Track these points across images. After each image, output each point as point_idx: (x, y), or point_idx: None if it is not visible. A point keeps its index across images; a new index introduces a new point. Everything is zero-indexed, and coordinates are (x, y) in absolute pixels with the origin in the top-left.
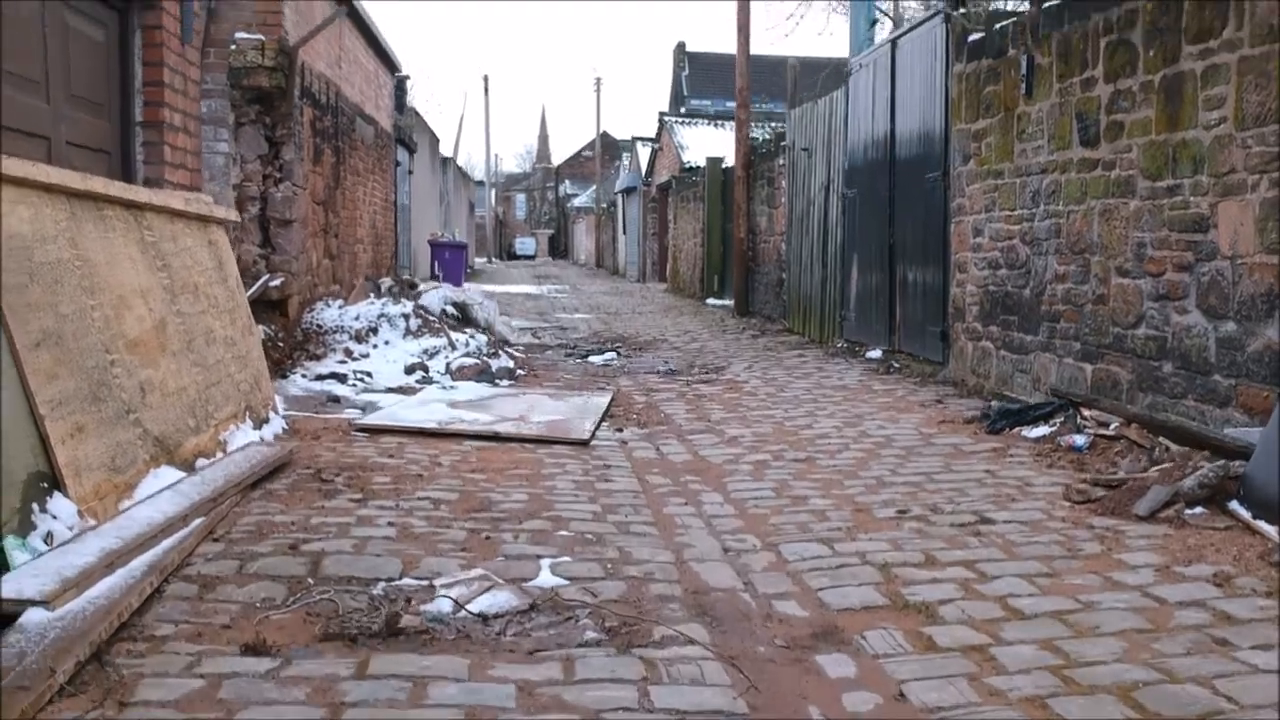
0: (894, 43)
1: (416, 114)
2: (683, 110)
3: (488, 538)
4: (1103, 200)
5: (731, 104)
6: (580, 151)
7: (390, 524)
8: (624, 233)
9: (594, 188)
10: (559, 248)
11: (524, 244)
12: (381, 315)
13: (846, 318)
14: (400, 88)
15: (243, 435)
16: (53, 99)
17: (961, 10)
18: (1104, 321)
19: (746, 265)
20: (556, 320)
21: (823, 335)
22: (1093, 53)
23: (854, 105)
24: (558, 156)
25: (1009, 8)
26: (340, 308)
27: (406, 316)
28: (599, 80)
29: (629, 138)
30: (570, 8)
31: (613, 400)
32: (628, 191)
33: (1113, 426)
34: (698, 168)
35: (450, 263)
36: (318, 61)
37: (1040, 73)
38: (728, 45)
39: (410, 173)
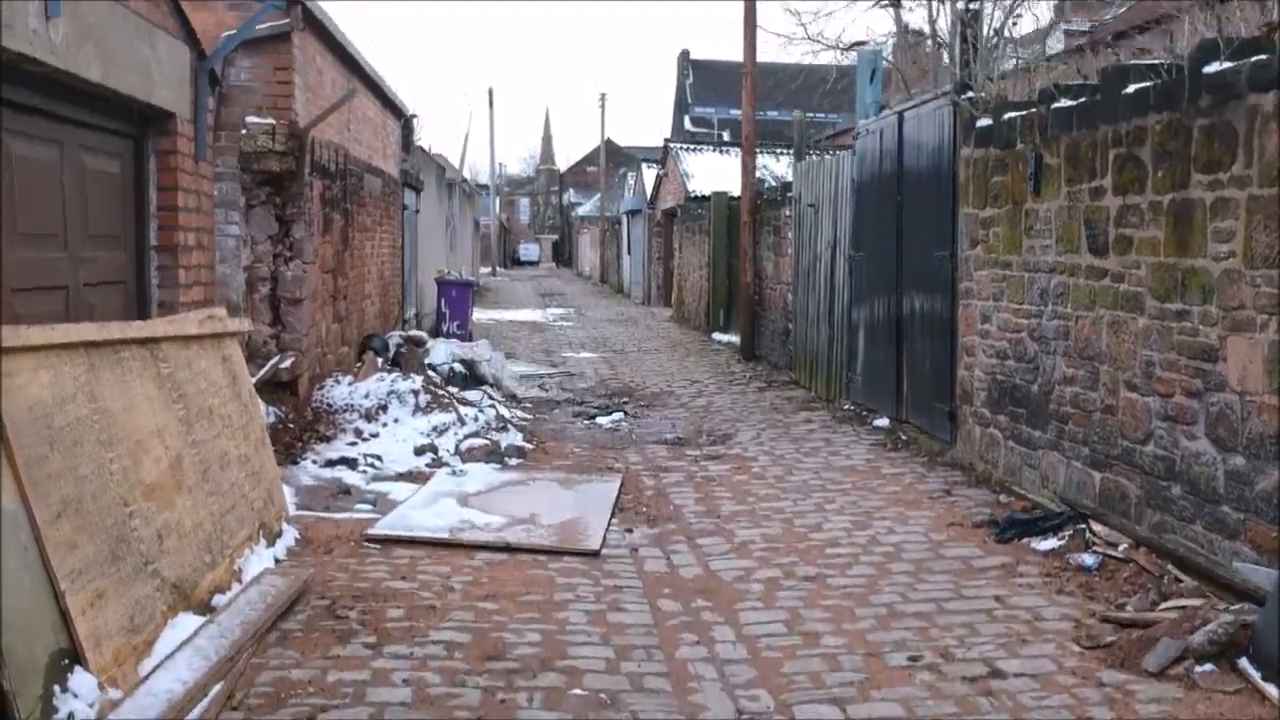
0: (901, 115)
1: (423, 152)
2: (687, 118)
3: (503, 701)
4: (1111, 311)
5: (736, 112)
6: (584, 160)
7: (405, 681)
8: (628, 253)
9: (598, 196)
10: (563, 255)
11: (528, 250)
12: (391, 392)
13: (853, 380)
14: (407, 129)
15: (257, 560)
16: (70, 246)
17: (968, 95)
18: (1113, 432)
19: (753, 310)
20: (563, 362)
21: (829, 393)
22: (1101, 163)
23: (861, 169)
24: (561, 158)
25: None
26: (350, 384)
27: (415, 393)
28: (604, 96)
29: (632, 144)
30: (573, 8)
31: (622, 485)
32: (632, 213)
33: (1121, 548)
34: (703, 198)
35: (456, 300)
36: (327, 130)
37: (1048, 172)
38: (731, 52)
39: (417, 212)
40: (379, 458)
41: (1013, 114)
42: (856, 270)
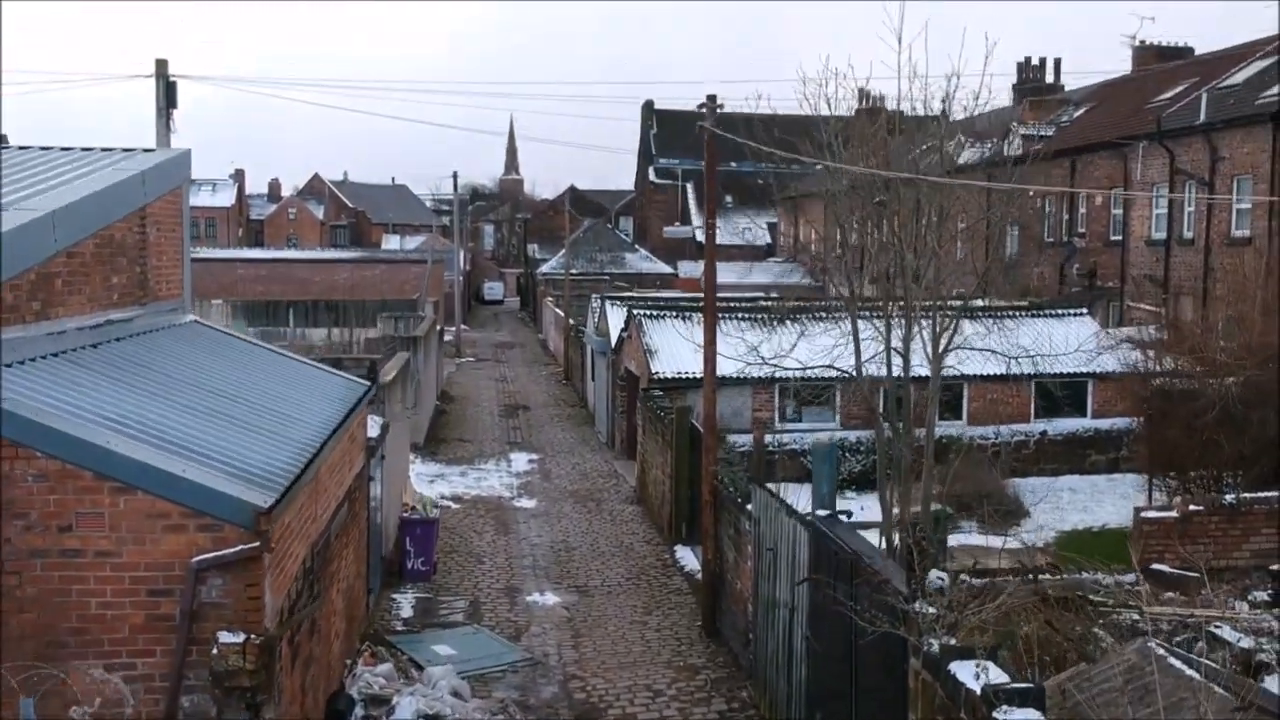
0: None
1: (386, 388)
2: (652, 169)
3: None
4: None
5: (701, 164)
6: (549, 207)
7: None
8: (593, 379)
9: (562, 253)
10: (528, 303)
11: (492, 289)
12: None
13: None
14: (376, 392)
15: None
16: None
17: (916, 608)
18: None
19: (714, 587)
20: (527, 624)
21: None
22: None
23: (816, 562)
24: (524, 171)
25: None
26: None
27: None
28: (572, 185)
29: (595, 188)
30: (547, 41)
31: None
32: (598, 352)
33: None
34: (666, 384)
35: (421, 537)
36: (293, 567)
37: None
38: (695, 102)
39: (383, 458)
40: None
41: (958, 669)
42: (813, 657)
